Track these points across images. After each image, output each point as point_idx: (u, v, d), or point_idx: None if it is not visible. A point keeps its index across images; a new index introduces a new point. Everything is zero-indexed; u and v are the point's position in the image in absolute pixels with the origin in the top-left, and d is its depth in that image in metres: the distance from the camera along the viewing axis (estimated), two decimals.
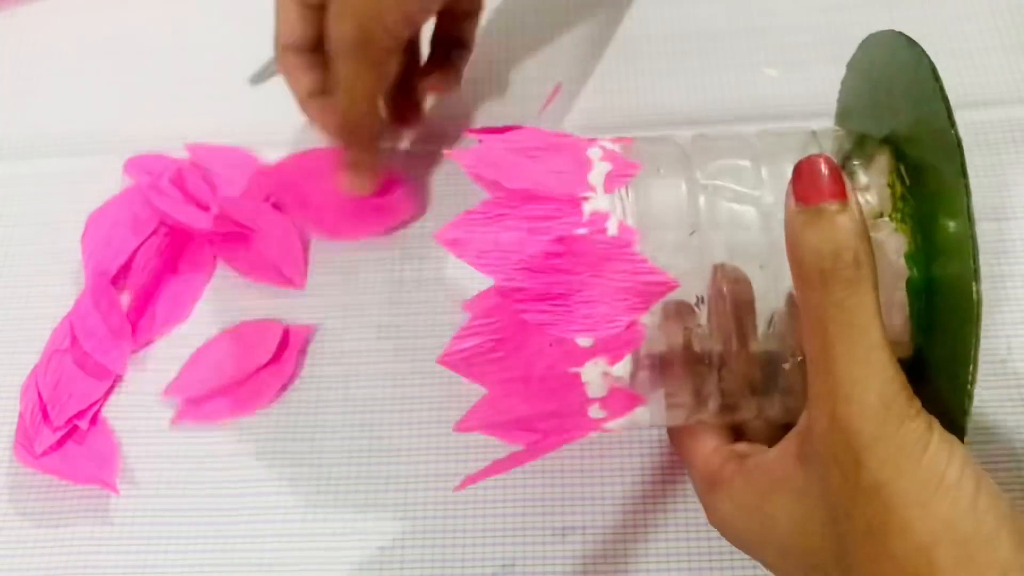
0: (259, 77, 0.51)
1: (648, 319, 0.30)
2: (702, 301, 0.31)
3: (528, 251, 0.30)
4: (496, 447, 0.40)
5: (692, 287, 0.31)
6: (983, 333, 0.27)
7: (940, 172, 0.29)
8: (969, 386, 0.27)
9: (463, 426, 0.33)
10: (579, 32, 0.51)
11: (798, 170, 0.28)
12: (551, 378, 0.31)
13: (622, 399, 0.32)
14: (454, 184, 0.47)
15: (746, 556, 0.37)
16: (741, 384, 0.32)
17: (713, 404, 0.32)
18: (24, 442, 0.41)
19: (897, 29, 0.33)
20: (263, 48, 0.52)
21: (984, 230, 0.42)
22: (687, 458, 0.34)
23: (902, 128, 0.32)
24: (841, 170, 0.27)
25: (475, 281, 0.44)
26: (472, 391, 0.41)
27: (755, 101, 0.47)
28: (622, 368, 0.31)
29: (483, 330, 0.31)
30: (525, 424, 0.33)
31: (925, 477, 0.25)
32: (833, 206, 0.27)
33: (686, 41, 0.50)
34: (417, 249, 0.45)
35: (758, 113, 0.47)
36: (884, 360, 0.26)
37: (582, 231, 0.30)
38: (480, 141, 0.33)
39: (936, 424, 0.27)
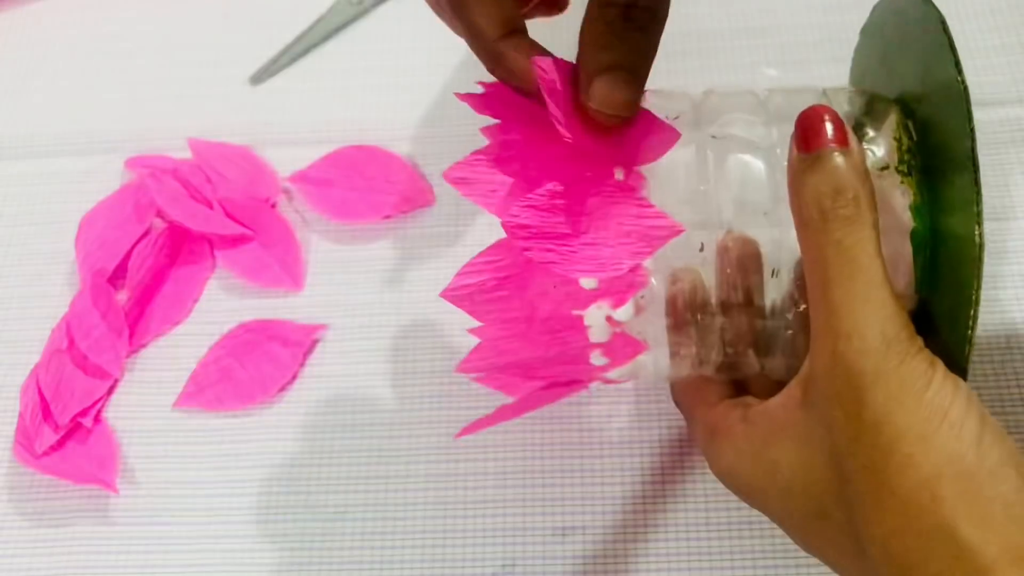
0: (259, 77, 0.51)
1: (652, 265, 0.30)
2: (702, 249, 0.31)
3: (535, 191, 0.29)
4: (496, 446, 0.40)
5: (698, 237, 0.31)
6: (981, 332, 0.27)
7: (946, 123, 0.29)
8: (970, 329, 0.27)
9: (464, 367, 0.33)
10: (576, 31, 0.51)
11: (800, 120, 0.28)
12: (554, 319, 0.31)
13: (625, 345, 0.32)
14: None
15: (746, 557, 0.37)
16: (744, 338, 0.32)
17: (716, 356, 0.32)
18: (24, 442, 0.41)
19: None
20: (263, 48, 0.52)
21: (989, 229, 0.43)
22: (689, 410, 0.34)
23: (911, 84, 0.32)
24: (841, 119, 0.28)
25: None
26: (472, 391, 0.41)
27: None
28: (625, 312, 0.31)
29: (487, 268, 0.31)
30: (526, 370, 0.33)
31: (928, 412, 0.25)
32: (834, 149, 0.27)
33: (686, 41, 0.50)
34: (418, 249, 0.45)
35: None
36: (884, 297, 0.26)
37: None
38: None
39: (939, 363, 0.26)
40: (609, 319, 0.31)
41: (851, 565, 0.27)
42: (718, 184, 0.31)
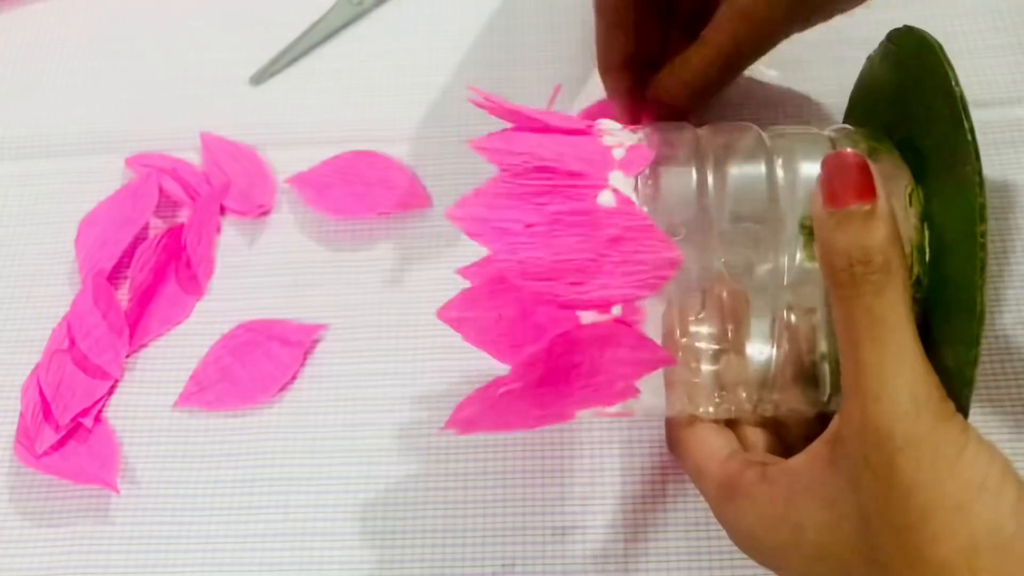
0: (259, 77, 0.51)
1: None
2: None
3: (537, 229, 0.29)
4: (496, 446, 0.40)
5: (697, 271, 0.31)
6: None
7: (951, 168, 0.29)
8: (973, 365, 0.27)
9: (452, 422, 0.32)
10: (579, 32, 0.51)
11: (826, 168, 0.27)
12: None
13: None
14: (456, 183, 0.47)
15: (746, 557, 0.37)
16: (732, 377, 0.32)
17: (709, 382, 0.32)
18: (25, 442, 0.41)
19: (914, 25, 0.33)
20: (263, 48, 0.52)
21: (988, 229, 0.43)
22: (697, 465, 0.33)
23: (916, 123, 0.32)
24: (870, 167, 0.27)
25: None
26: (471, 392, 0.41)
27: (755, 101, 0.47)
28: None
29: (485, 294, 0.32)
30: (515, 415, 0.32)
31: (964, 481, 0.25)
32: (863, 208, 0.26)
33: None
34: (417, 249, 0.45)
35: (758, 113, 0.47)
36: (916, 360, 0.26)
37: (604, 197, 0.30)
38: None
39: (972, 429, 0.26)
40: None
41: None
42: (716, 219, 0.31)
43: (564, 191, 0.29)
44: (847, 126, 0.35)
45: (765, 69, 0.48)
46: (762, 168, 0.32)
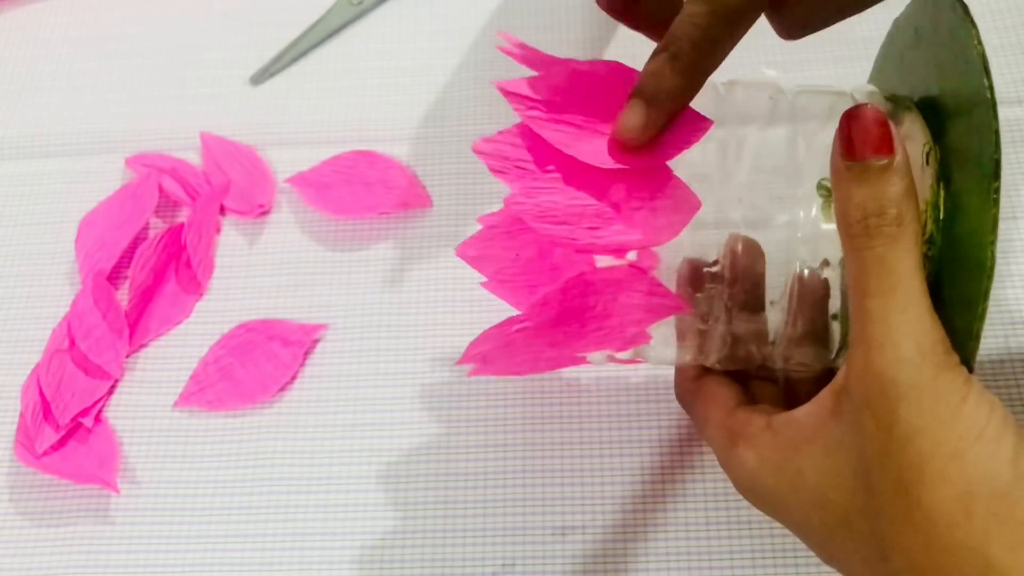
0: (259, 77, 0.51)
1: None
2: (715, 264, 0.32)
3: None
4: (496, 446, 0.40)
5: (714, 220, 0.31)
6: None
7: (970, 133, 0.29)
8: (975, 339, 0.27)
9: (465, 358, 0.32)
10: (579, 32, 0.51)
11: (845, 121, 0.28)
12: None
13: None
14: (456, 183, 0.47)
15: (746, 557, 0.37)
16: (744, 331, 0.32)
17: (719, 345, 0.32)
18: (25, 442, 0.41)
19: None
20: (263, 48, 0.52)
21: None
22: (702, 413, 0.33)
23: (934, 86, 0.32)
24: (888, 122, 0.27)
25: (475, 282, 0.44)
26: (472, 391, 0.41)
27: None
28: None
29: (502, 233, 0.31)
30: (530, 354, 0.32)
31: (962, 428, 0.25)
32: (880, 161, 0.27)
33: None
34: (417, 249, 0.45)
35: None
36: (922, 311, 0.26)
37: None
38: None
39: (975, 380, 0.26)
40: None
41: None
42: (735, 171, 0.31)
43: (587, 136, 0.29)
44: (870, 86, 0.35)
45: (765, 69, 0.48)
46: (783, 126, 0.32)
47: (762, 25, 0.50)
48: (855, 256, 0.27)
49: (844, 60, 0.48)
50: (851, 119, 0.27)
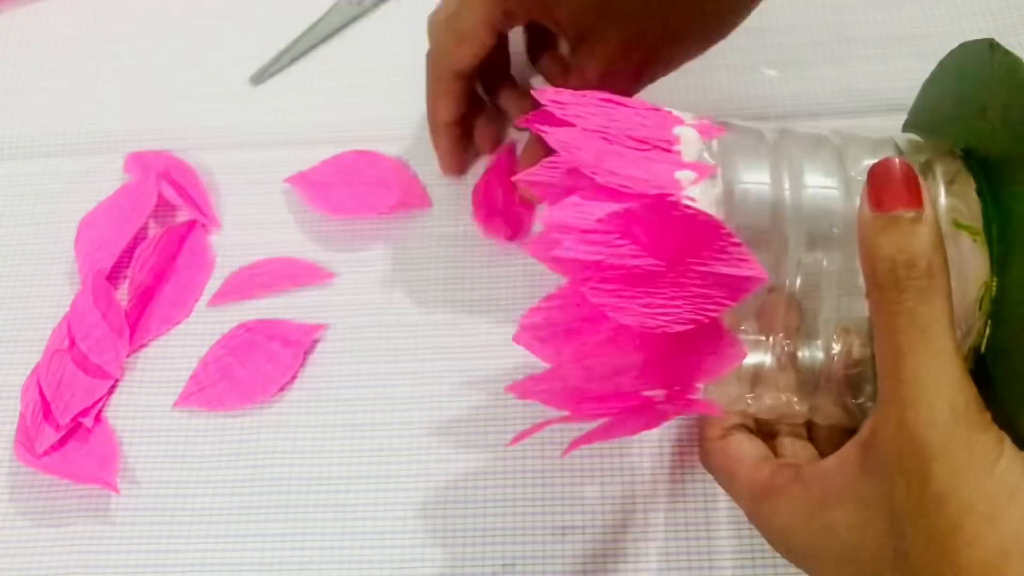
0: (259, 77, 0.51)
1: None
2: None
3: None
4: (496, 445, 0.40)
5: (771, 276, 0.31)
6: None
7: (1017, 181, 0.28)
8: None
9: (519, 389, 0.32)
10: None
11: (873, 173, 0.27)
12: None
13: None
14: (457, 183, 0.47)
15: (745, 557, 0.37)
16: (779, 378, 0.32)
17: (764, 396, 0.32)
18: (25, 442, 0.41)
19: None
20: (263, 48, 0.52)
21: None
22: (731, 471, 0.33)
23: (986, 138, 0.31)
24: (917, 176, 0.27)
25: (475, 281, 0.44)
26: (472, 391, 0.41)
27: (755, 101, 0.48)
28: None
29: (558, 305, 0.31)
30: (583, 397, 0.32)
31: (996, 489, 0.25)
32: (909, 214, 0.26)
33: None
34: (418, 249, 0.45)
35: (758, 113, 0.47)
36: (955, 369, 0.26)
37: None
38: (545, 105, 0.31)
39: (1007, 439, 0.26)
40: None
41: None
42: (791, 225, 0.31)
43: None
44: (912, 135, 0.34)
45: (765, 69, 0.48)
46: (836, 188, 0.31)
47: (762, 25, 0.50)
48: (884, 311, 0.27)
49: (844, 60, 0.48)
50: (878, 172, 0.27)
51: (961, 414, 0.25)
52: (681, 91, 0.48)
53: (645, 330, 0.29)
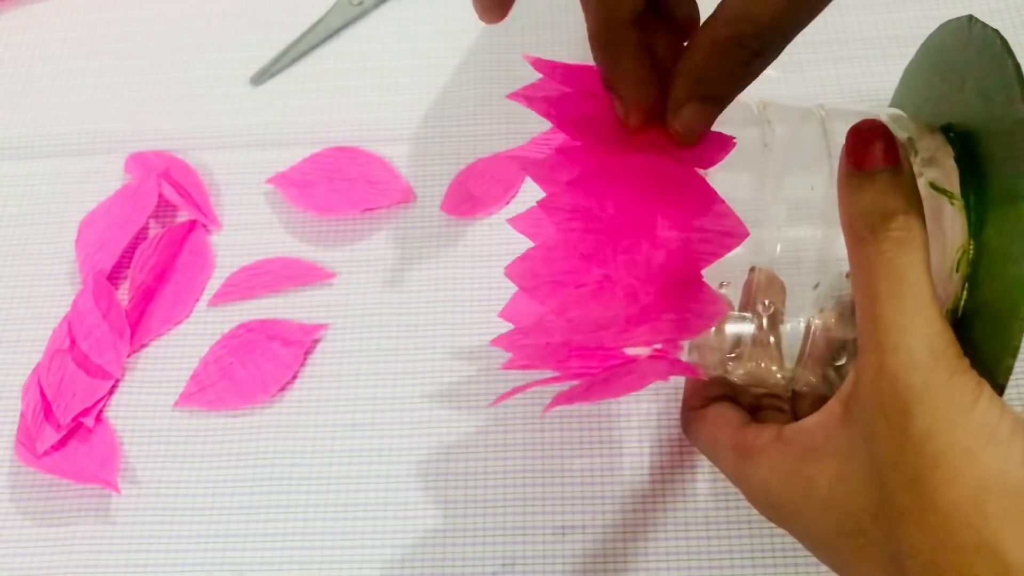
0: (259, 77, 0.51)
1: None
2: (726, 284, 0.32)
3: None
4: (496, 445, 0.40)
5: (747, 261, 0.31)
6: None
7: (1003, 153, 0.29)
8: (1011, 356, 0.27)
9: (501, 342, 0.32)
10: (579, 32, 0.51)
11: (852, 135, 0.28)
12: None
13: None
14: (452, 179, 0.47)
15: (745, 556, 0.37)
16: (762, 351, 0.32)
17: (739, 365, 0.33)
18: (25, 441, 0.41)
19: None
20: (263, 48, 0.52)
21: None
22: (712, 436, 0.33)
23: (963, 110, 0.32)
24: (894, 136, 0.28)
25: (475, 282, 0.44)
26: (473, 390, 0.41)
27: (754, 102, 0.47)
28: None
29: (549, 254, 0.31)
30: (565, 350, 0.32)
31: (976, 428, 0.25)
32: (886, 170, 0.27)
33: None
34: (417, 248, 0.45)
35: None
36: (933, 314, 0.26)
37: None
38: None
39: (985, 384, 0.26)
40: None
41: None
42: (773, 194, 0.31)
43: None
44: (896, 110, 0.35)
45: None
46: (818, 163, 0.32)
47: None
48: (863, 260, 0.27)
49: (844, 60, 0.48)
50: (856, 132, 0.28)
51: (940, 357, 0.26)
52: None
53: (628, 282, 0.29)
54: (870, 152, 0.28)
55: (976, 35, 0.31)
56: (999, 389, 0.27)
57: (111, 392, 0.43)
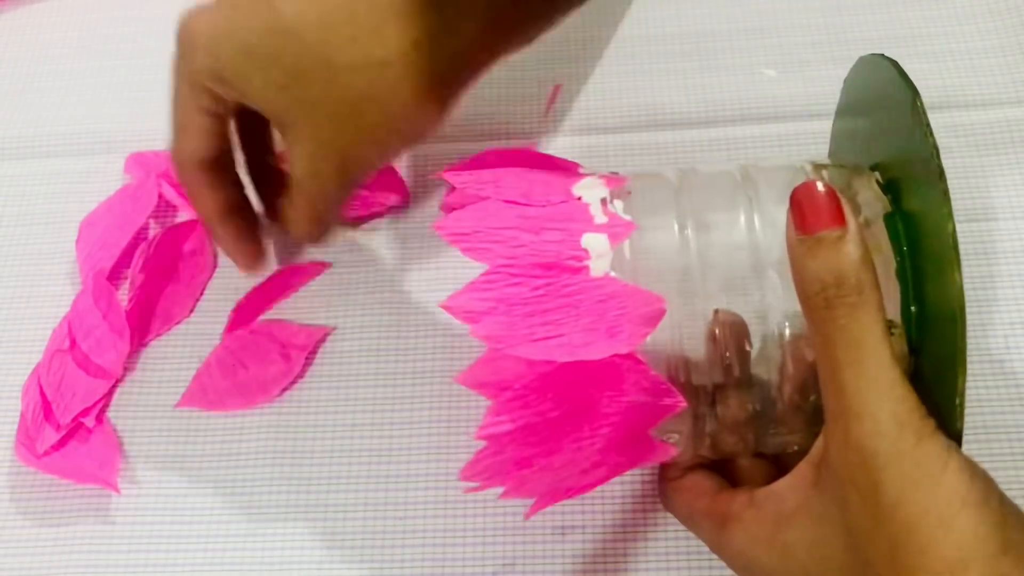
0: None
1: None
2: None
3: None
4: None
5: (689, 328, 0.31)
6: (979, 333, 0.27)
7: (923, 193, 0.29)
8: (960, 393, 0.27)
9: (467, 472, 0.33)
10: (579, 32, 0.51)
11: (795, 198, 0.28)
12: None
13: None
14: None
15: None
16: (735, 414, 0.32)
17: (710, 430, 0.33)
18: (26, 442, 0.41)
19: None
20: None
21: (983, 229, 0.43)
22: (689, 507, 0.34)
23: (889, 155, 0.32)
24: (838, 195, 0.27)
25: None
26: (471, 392, 0.41)
27: (754, 101, 0.48)
28: None
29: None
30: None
31: (947, 495, 0.25)
32: (833, 233, 0.27)
33: (686, 41, 0.50)
34: (418, 248, 0.45)
35: (757, 113, 0.47)
36: (894, 379, 0.26)
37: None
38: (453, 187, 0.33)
39: (954, 446, 0.26)
40: None
41: None
42: (703, 264, 0.32)
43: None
44: (822, 159, 0.35)
45: (764, 69, 0.49)
46: (742, 221, 0.32)
47: (762, 25, 0.50)
48: (819, 329, 0.27)
49: (844, 60, 0.48)
50: (800, 196, 0.28)
51: (905, 423, 0.26)
52: (680, 92, 0.48)
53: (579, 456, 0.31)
54: (815, 215, 0.27)
55: (884, 74, 0.31)
56: (957, 436, 0.27)
57: (112, 392, 0.43)
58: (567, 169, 0.35)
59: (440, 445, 0.40)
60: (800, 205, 0.28)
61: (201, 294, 0.45)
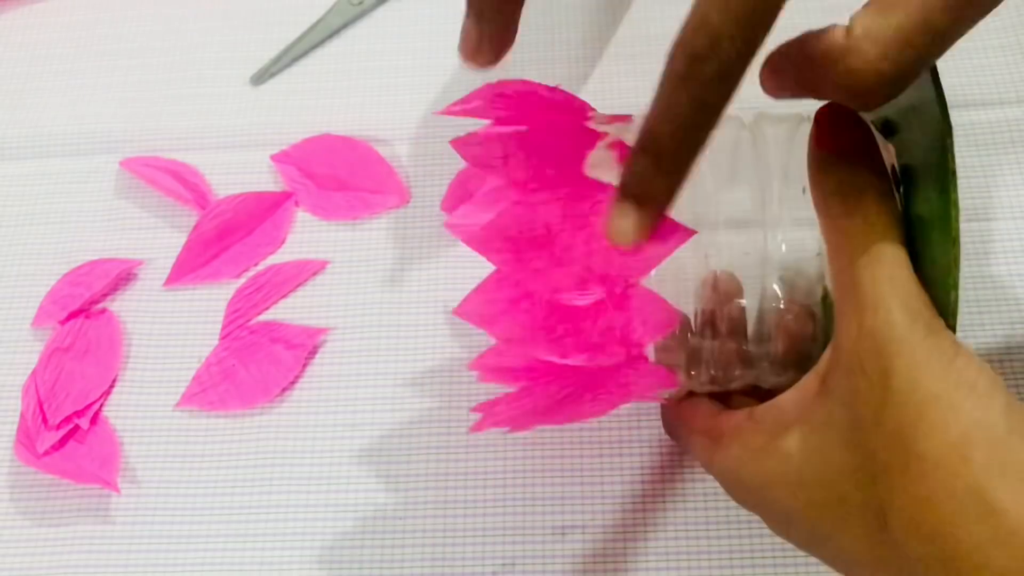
0: (260, 78, 0.51)
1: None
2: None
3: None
4: (496, 445, 0.40)
5: (691, 257, 0.32)
6: (979, 332, 0.27)
7: (926, 142, 0.29)
8: (953, 291, 0.27)
9: (478, 365, 0.33)
10: (579, 32, 0.51)
11: (820, 117, 0.29)
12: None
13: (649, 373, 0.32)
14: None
15: (745, 556, 0.37)
16: (729, 356, 0.33)
17: (704, 375, 0.33)
18: (25, 441, 0.41)
19: None
20: (263, 48, 0.52)
21: (983, 229, 0.43)
22: (689, 428, 0.34)
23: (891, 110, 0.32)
24: (861, 117, 0.29)
25: (475, 282, 0.44)
26: (472, 391, 0.41)
27: (755, 101, 0.47)
28: None
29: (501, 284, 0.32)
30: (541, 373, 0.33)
31: (957, 381, 0.25)
32: (856, 150, 0.28)
33: None
34: (417, 249, 0.45)
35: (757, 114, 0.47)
36: (909, 277, 0.27)
37: None
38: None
39: (962, 343, 0.27)
40: None
41: (867, 550, 0.27)
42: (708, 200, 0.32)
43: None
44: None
45: None
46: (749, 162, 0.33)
47: None
48: (837, 229, 0.28)
49: None
50: (825, 114, 0.29)
51: (918, 315, 0.26)
52: None
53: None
54: (838, 133, 0.29)
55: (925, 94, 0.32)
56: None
57: (111, 391, 0.43)
58: (574, 109, 0.35)
59: (440, 445, 0.40)
60: (824, 123, 0.29)
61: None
